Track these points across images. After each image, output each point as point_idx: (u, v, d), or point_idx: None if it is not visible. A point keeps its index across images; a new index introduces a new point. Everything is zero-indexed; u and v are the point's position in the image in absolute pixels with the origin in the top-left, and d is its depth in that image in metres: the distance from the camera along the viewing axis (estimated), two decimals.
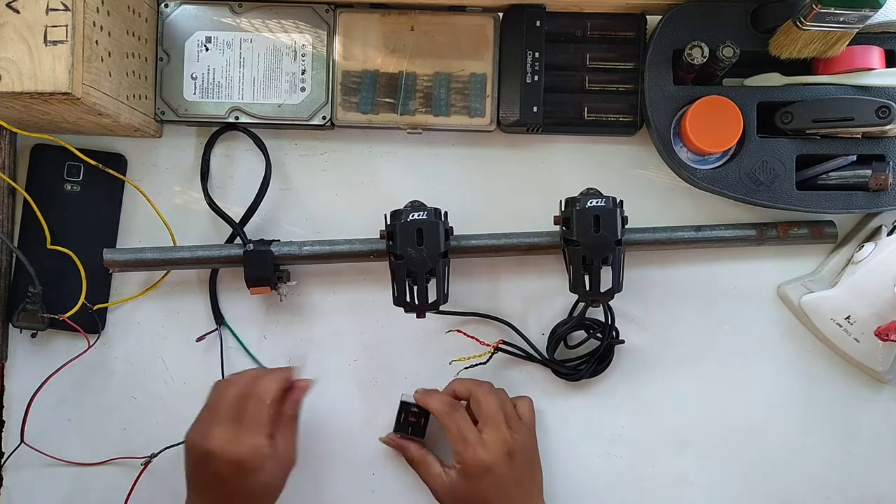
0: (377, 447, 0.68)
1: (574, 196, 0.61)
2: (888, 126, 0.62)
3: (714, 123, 0.62)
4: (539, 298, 0.70)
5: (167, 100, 0.67)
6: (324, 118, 0.67)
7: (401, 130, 0.68)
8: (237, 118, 0.67)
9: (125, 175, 0.69)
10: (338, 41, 0.67)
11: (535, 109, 0.66)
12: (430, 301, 0.61)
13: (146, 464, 0.67)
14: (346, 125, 0.68)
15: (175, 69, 0.67)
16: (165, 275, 0.69)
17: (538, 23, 0.66)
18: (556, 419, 0.69)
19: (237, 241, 0.68)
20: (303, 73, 0.67)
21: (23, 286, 0.66)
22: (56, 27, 0.55)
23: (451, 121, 0.67)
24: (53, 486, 0.69)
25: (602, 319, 0.67)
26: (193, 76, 0.67)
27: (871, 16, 0.58)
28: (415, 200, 0.63)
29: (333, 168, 0.70)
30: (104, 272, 0.68)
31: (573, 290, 0.61)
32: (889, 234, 0.66)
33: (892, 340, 0.61)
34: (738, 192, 0.64)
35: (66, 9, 0.55)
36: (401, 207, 0.62)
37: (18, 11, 0.55)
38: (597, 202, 0.60)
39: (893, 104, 0.61)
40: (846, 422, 0.69)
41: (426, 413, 0.66)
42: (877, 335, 0.61)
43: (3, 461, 0.69)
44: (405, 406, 0.66)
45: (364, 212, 0.69)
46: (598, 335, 0.67)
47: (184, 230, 0.69)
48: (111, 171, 0.67)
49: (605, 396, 0.69)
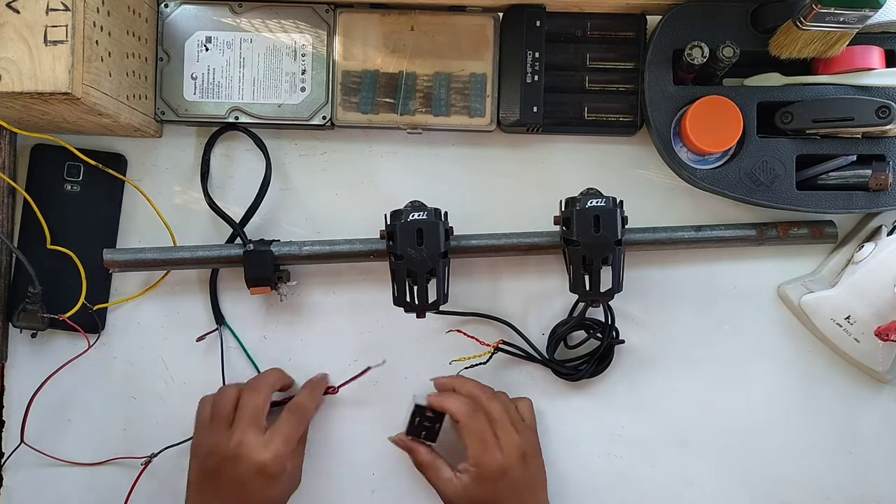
0: (377, 447, 0.68)
1: (574, 196, 0.61)
2: (888, 126, 0.62)
3: (714, 123, 0.62)
4: (539, 298, 0.70)
5: (167, 100, 0.67)
6: (324, 118, 0.67)
7: (401, 130, 0.68)
8: (237, 118, 0.67)
9: (125, 175, 0.69)
10: (338, 41, 0.67)
11: (535, 109, 0.66)
12: (430, 301, 0.61)
13: (146, 464, 0.67)
14: (346, 125, 0.68)
15: (175, 69, 0.67)
16: (165, 275, 0.69)
17: (538, 23, 0.66)
18: (556, 419, 0.69)
19: (237, 241, 0.68)
20: (303, 73, 0.67)
21: (23, 286, 0.66)
22: (56, 27, 0.55)
23: (451, 121, 0.67)
24: (53, 486, 0.69)
25: (602, 319, 0.67)
26: (193, 76, 0.67)
27: (871, 16, 0.58)
28: (415, 200, 0.63)
29: (333, 168, 0.70)
30: (104, 272, 0.68)
31: (573, 290, 0.61)
32: (889, 234, 0.66)
33: (892, 340, 0.61)
34: (738, 192, 0.64)
35: (66, 9, 0.55)
36: (401, 207, 0.62)
37: (18, 11, 0.55)
38: (597, 202, 0.60)
39: (893, 104, 0.61)
40: (846, 422, 0.69)
41: (440, 417, 0.64)
42: (877, 335, 0.61)
43: (3, 461, 0.69)
44: (420, 410, 0.64)
45: (364, 212, 0.69)
46: (598, 335, 0.67)
47: (184, 230, 0.69)
48: (111, 171, 0.67)
49: (605, 396, 0.69)
